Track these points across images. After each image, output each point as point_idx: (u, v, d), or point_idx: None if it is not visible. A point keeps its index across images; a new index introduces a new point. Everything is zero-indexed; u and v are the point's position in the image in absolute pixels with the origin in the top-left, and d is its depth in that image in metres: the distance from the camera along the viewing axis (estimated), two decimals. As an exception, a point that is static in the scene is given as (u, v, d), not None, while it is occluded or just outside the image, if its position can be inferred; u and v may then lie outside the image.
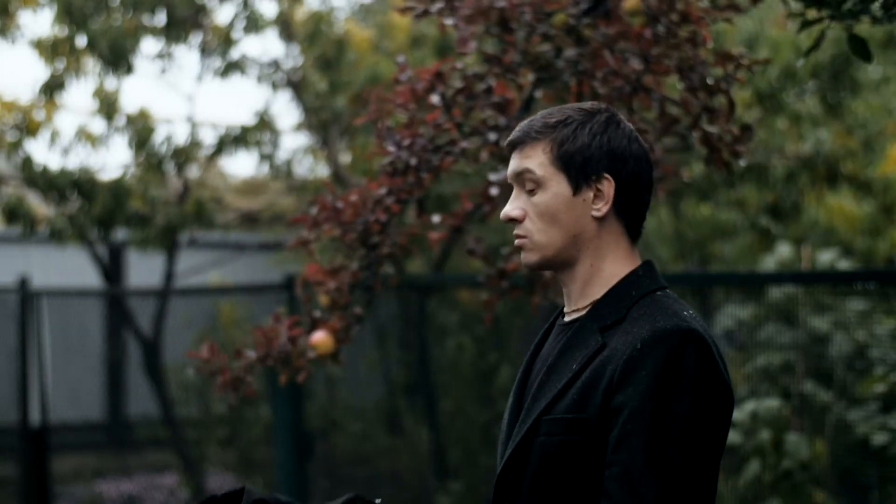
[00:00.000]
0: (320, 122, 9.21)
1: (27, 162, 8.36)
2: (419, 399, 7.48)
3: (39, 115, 8.61)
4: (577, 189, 2.21)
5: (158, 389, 8.80)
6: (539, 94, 3.46)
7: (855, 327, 5.39)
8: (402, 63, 3.43)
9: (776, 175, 8.56)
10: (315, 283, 3.45)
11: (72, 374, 9.51)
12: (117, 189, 8.34)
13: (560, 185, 2.21)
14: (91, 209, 8.37)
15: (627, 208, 2.23)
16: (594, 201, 2.21)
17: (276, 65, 8.99)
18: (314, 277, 3.45)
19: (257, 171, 10.62)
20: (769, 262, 6.72)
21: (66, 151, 8.66)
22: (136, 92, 24.95)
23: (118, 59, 8.24)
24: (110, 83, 8.65)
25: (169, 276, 9.45)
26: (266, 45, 25.57)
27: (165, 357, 8.89)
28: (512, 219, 2.25)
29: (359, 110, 7.79)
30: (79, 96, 31.46)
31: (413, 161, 3.30)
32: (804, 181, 8.61)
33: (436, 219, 3.54)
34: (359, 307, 3.50)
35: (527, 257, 2.26)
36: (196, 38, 8.71)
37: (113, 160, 22.32)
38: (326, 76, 8.89)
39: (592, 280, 2.23)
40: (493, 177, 3.43)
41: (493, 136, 3.30)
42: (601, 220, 2.21)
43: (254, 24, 8.55)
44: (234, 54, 8.67)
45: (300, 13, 9.38)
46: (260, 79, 8.93)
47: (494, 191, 3.40)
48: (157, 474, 8.77)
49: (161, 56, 8.72)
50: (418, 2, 3.42)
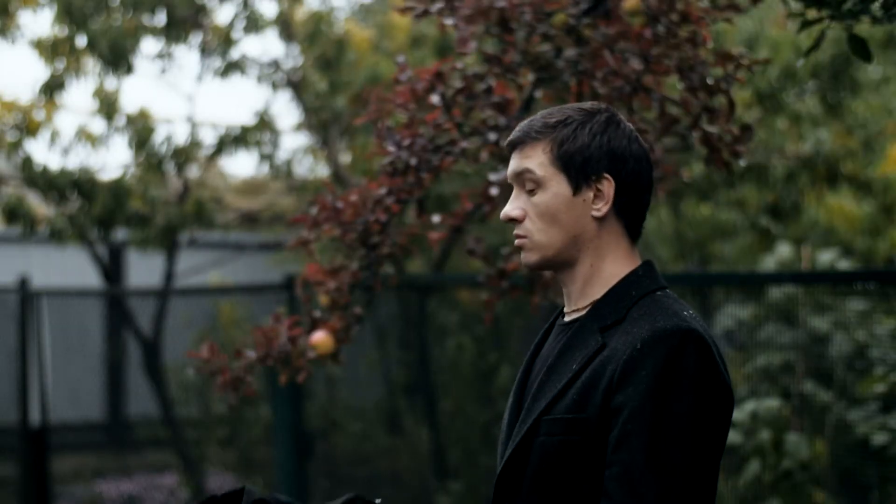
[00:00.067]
0: (320, 122, 9.20)
1: (27, 162, 8.36)
2: (419, 399, 7.48)
3: (39, 115, 8.61)
4: (577, 189, 2.20)
5: (158, 389, 8.80)
6: (539, 94, 3.46)
7: (855, 327, 5.38)
8: (402, 63, 3.43)
9: (776, 175, 8.56)
10: (315, 283, 3.45)
11: (72, 374, 9.50)
12: (117, 189, 8.34)
13: (560, 185, 2.21)
14: (91, 209, 8.37)
15: (627, 208, 2.23)
16: (594, 201, 2.21)
17: (276, 65, 8.99)
18: (314, 277, 3.44)
19: (257, 171, 10.63)
20: (769, 262, 6.72)
21: (66, 151, 8.66)
22: (136, 92, 24.96)
23: (118, 59, 8.24)
24: (110, 83, 8.66)
25: (169, 276, 9.44)
26: (266, 45, 25.60)
27: (165, 357, 8.89)
28: (512, 219, 2.24)
29: (359, 110, 7.79)
30: (79, 96, 31.47)
31: (413, 161, 3.30)
32: (804, 181, 8.61)
33: (436, 219, 3.54)
34: (359, 307, 3.50)
35: (527, 257, 2.26)
36: (196, 38, 8.71)
37: (113, 160, 22.33)
38: (326, 76, 8.89)
39: (592, 280, 2.23)
40: (493, 177, 3.43)
41: (493, 136, 3.30)
42: (601, 220, 2.21)
43: (254, 24, 8.55)
44: (234, 54, 8.67)
45: (300, 13, 9.38)
46: (260, 79, 8.93)
47: (494, 191, 3.40)
48: (157, 474, 8.77)
49: (161, 56, 8.72)
50: (418, 2, 3.42)
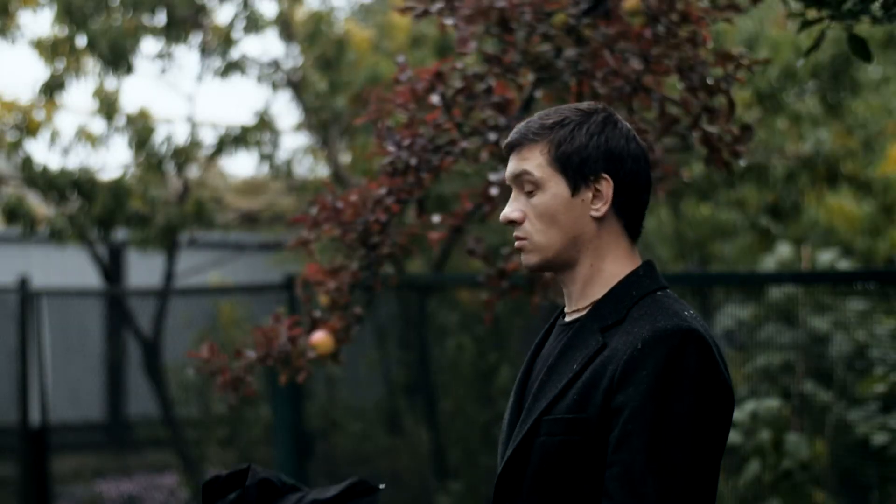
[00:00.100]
0: (320, 122, 9.20)
1: (27, 162, 8.36)
2: (419, 399, 7.48)
3: (39, 115, 8.61)
4: (575, 190, 2.20)
5: (158, 389, 8.80)
6: (539, 94, 3.46)
7: (855, 327, 5.38)
8: (402, 63, 3.43)
9: (776, 175, 8.56)
10: (315, 283, 3.45)
11: (72, 374, 9.51)
12: (117, 189, 8.34)
13: (558, 186, 2.21)
14: (91, 209, 8.37)
15: (626, 208, 2.23)
16: (593, 201, 2.21)
17: (276, 65, 8.99)
18: (314, 277, 3.44)
19: (257, 171, 10.63)
20: (769, 262, 6.71)
21: (66, 151, 8.66)
22: (136, 92, 24.96)
23: (118, 59, 8.24)
24: (110, 83, 8.66)
25: (169, 276, 9.44)
26: (266, 45, 25.61)
27: (165, 357, 8.89)
28: (511, 221, 2.24)
29: (359, 110, 7.79)
30: (79, 96, 31.48)
31: (413, 161, 3.30)
32: (804, 181, 8.61)
33: (436, 219, 3.54)
34: (359, 307, 3.50)
35: (527, 259, 2.25)
36: (196, 38, 8.71)
37: (113, 160, 22.34)
38: (326, 76, 8.89)
39: (593, 280, 2.23)
40: (493, 177, 3.43)
41: (493, 136, 3.30)
42: (600, 221, 2.21)
43: (254, 24, 8.55)
44: (234, 54, 8.67)
45: (300, 13, 9.38)
46: (260, 79, 8.93)
47: (494, 191, 3.40)
48: (157, 474, 8.77)
49: (161, 56, 8.72)
50: (418, 2, 3.42)
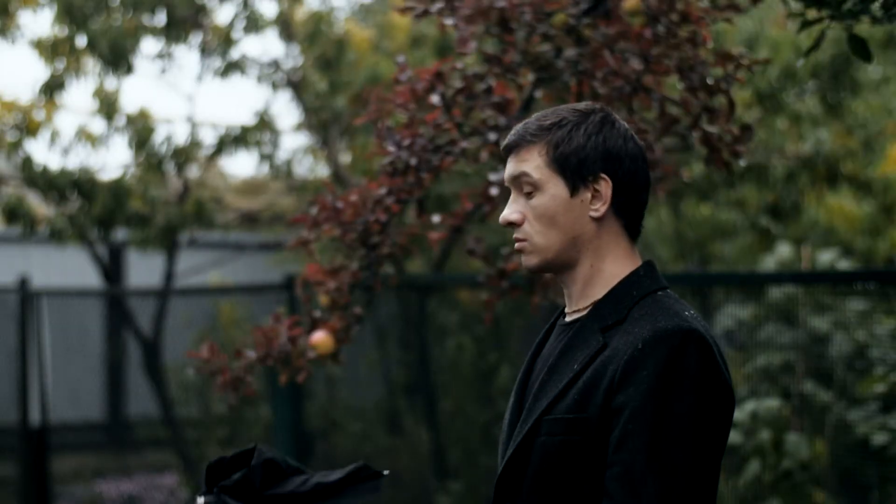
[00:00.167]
0: (320, 122, 9.20)
1: (27, 162, 8.36)
2: (419, 399, 7.48)
3: (39, 115, 8.61)
4: (574, 190, 2.20)
5: (158, 389, 8.80)
6: (539, 94, 3.46)
7: (855, 327, 5.38)
8: (402, 63, 3.43)
9: (776, 175, 8.56)
10: (315, 283, 3.45)
11: (72, 374, 9.51)
12: (117, 189, 8.34)
13: (557, 187, 2.20)
14: (91, 209, 8.37)
15: (626, 208, 2.23)
16: (592, 202, 2.21)
17: (276, 65, 8.99)
18: (314, 277, 3.44)
19: (257, 171, 10.63)
20: (769, 262, 6.71)
21: (66, 151, 8.66)
22: (136, 92, 24.95)
23: (118, 59, 8.24)
24: (110, 83, 8.66)
25: (169, 276, 9.44)
26: (266, 45, 25.60)
27: (165, 357, 8.89)
28: (511, 222, 2.24)
29: (359, 110, 7.79)
30: (79, 96, 31.46)
31: (413, 161, 3.30)
32: (804, 181, 8.61)
33: (436, 219, 3.54)
34: (359, 307, 3.50)
35: (527, 260, 2.25)
36: (196, 38, 8.71)
37: (113, 160, 22.33)
38: (326, 76, 8.89)
39: (593, 280, 2.23)
40: (492, 177, 3.43)
41: (493, 136, 3.30)
42: (600, 221, 2.21)
43: (254, 24, 8.55)
44: (234, 54, 8.67)
45: (300, 13, 9.38)
46: (260, 79, 8.94)
47: (494, 191, 3.40)
48: (157, 474, 8.77)
49: (161, 56, 8.73)
50: (418, 2, 3.42)
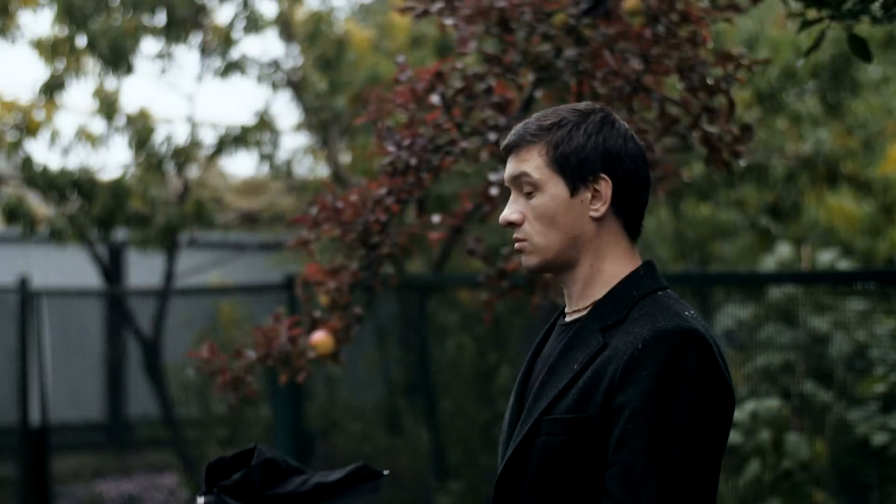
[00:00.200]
0: (320, 122, 9.20)
1: (27, 162, 8.37)
2: (419, 399, 7.48)
3: (39, 115, 8.61)
4: (574, 190, 2.20)
5: (158, 389, 8.80)
6: (539, 94, 3.46)
7: (855, 327, 5.38)
8: (402, 63, 3.43)
9: (776, 175, 8.56)
10: (315, 283, 3.45)
11: (72, 374, 9.51)
12: (117, 189, 8.34)
13: (557, 187, 2.20)
14: (91, 209, 8.37)
15: (625, 208, 2.22)
16: (592, 202, 2.20)
17: (276, 65, 8.99)
18: (314, 277, 3.45)
19: (257, 171, 10.63)
20: (769, 262, 6.71)
21: (66, 151, 8.66)
22: (136, 92, 24.95)
23: (118, 59, 8.24)
24: (110, 83, 8.66)
25: (169, 276, 9.45)
26: (266, 45, 25.60)
27: (165, 357, 8.89)
28: (511, 223, 2.24)
29: (359, 110, 7.79)
30: (79, 96, 31.46)
31: (413, 161, 3.30)
32: (804, 181, 8.61)
33: (436, 219, 3.54)
34: (359, 307, 3.50)
35: (527, 260, 2.25)
36: (196, 38, 8.71)
37: (113, 160, 22.33)
38: (326, 76, 8.89)
39: (593, 280, 2.23)
40: (492, 177, 3.43)
41: (493, 136, 3.30)
42: (600, 221, 2.21)
43: (254, 24, 8.55)
44: (234, 54, 8.67)
45: (300, 13, 9.38)
46: (260, 79, 8.94)
47: (494, 191, 3.40)
48: (157, 474, 8.77)
49: (161, 56, 8.73)
50: (418, 2, 3.42)
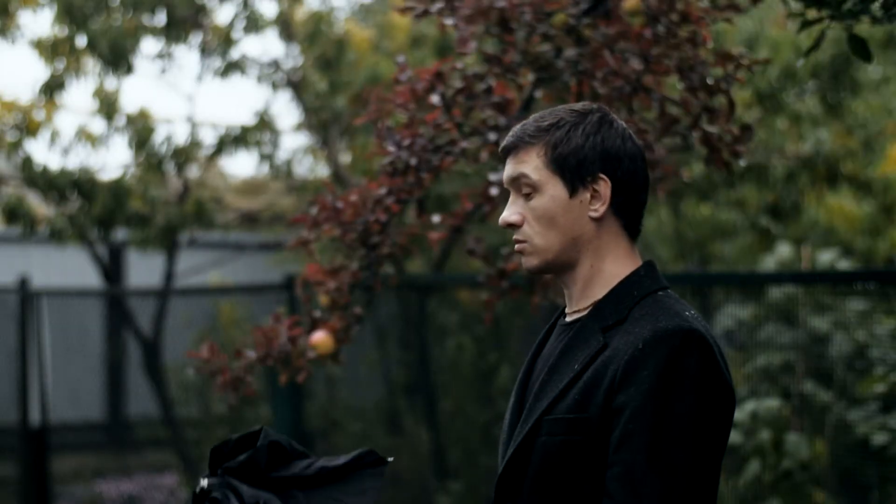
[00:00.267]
0: (320, 122, 9.20)
1: (27, 162, 8.37)
2: (419, 399, 7.48)
3: (39, 115, 8.61)
4: (573, 191, 2.20)
5: (158, 389, 8.80)
6: (539, 94, 3.46)
7: (855, 327, 5.38)
8: (402, 63, 3.43)
9: (776, 175, 8.56)
10: (315, 283, 3.45)
11: (72, 374, 9.50)
12: (117, 189, 8.34)
13: (556, 188, 2.20)
14: (91, 209, 8.37)
15: (625, 207, 2.22)
16: (591, 202, 2.20)
17: (276, 65, 8.99)
18: (314, 277, 3.45)
19: (257, 171, 10.63)
20: (769, 262, 6.71)
21: (66, 151, 8.66)
22: (136, 92, 24.95)
23: (118, 59, 8.24)
24: (110, 83, 8.66)
25: (169, 276, 9.45)
26: (266, 45, 25.60)
27: (165, 357, 8.89)
28: (510, 224, 2.24)
29: (359, 110, 7.79)
30: (79, 96, 31.45)
31: (413, 161, 3.30)
32: (804, 181, 8.61)
33: (436, 219, 3.55)
34: (359, 307, 3.50)
35: (527, 261, 2.25)
36: (196, 38, 8.71)
37: (113, 160, 22.31)
38: (326, 76, 8.89)
39: (593, 280, 2.23)
40: (492, 177, 3.43)
41: (493, 136, 3.30)
42: (599, 221, 2.21)
43: (254, 24, 8.56)
44: (234, 54, 8.67)
45: (300, 13, 9.38)
46: (260, 79, 8.94)
47: (494, 191, 3.40)
48: (157, 474, 8.77)
49: (161, 56, 8.73)
50: (418, 2, 3.42)
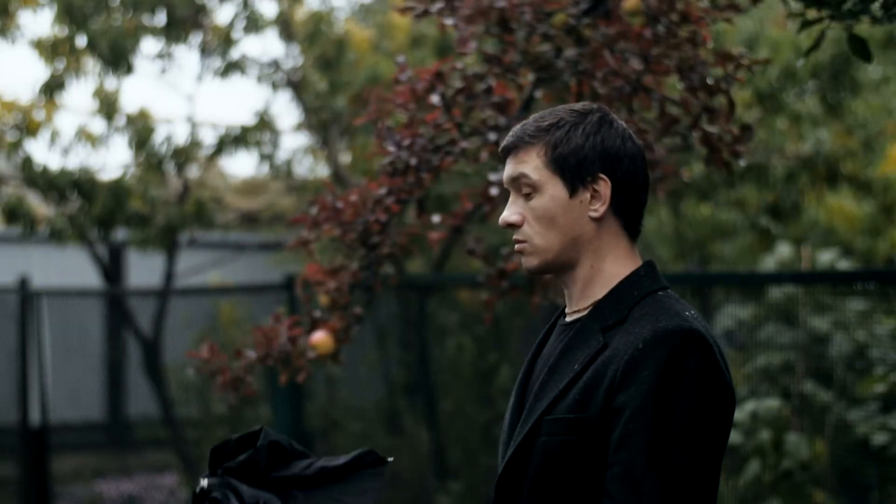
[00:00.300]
0: (320, 122, 9.20)
1: (27, 162, 8.37)
2: (419, 399, 7.48)
3: (39, 115, 8.61)
4: (573, 191, 2.20)
5: (158, 389, 8.80)
6: (539, 94, 3.46)
7: (855, 327, 5.38)
8: (402, 63, 3.43)
9: (776, 175, 8.56)
10: (315, 283, 3.45)
11: (72, 374, 9.50)
12: (117, 189, 8.34)
13: (556, 188, 2.20)
14: (91, 209, 8.37)
15: (625, 207, 2.22)
16: (591, 202, 2.20)
17: (276, 65, 8.99)
18: (314, 277, 3.45)
19: (257, 171, 10.63)
20: (769, 262, 6.71)
21: (66, 151, 8.66)
22: (136, 92, 24.94)
23: (118, 59, 8.24)
24: (110, 83, 8.66)
25: (169, 276, 9.45)
26: (266, 45, 25.59)
27: (165, 357, 8.89)
28: (510, 224, 2.24)
29: (359, 110, 7.79)
30: (79, 96, 31.44)
31: (413, 161, 3.30)
32: (804, 181, 8.61)
33: (436, 219, 3.55)
34: (359, 307, 3.50)
35: (528, 262, 2.25)
36: (196, 38, 8.71)
37: (113, 160, 22.31)
38: (326, 76, 8.89)
39: (593, 280, 2.23)
40: (492, 177, 3.43)
41: (493, 136, 3.30)
42: (599, 221, 2.21)
43: (254, 24, 8.56)
44: (234, 54, 8.67)
45: (300, 13, 9.38)
46: (260, 79, 8.94)
47: (494, 191, 3.40)
48: (157, 474, 8.77)
49: (161, 56, 8.73)
50: (418, 2, 3.42)
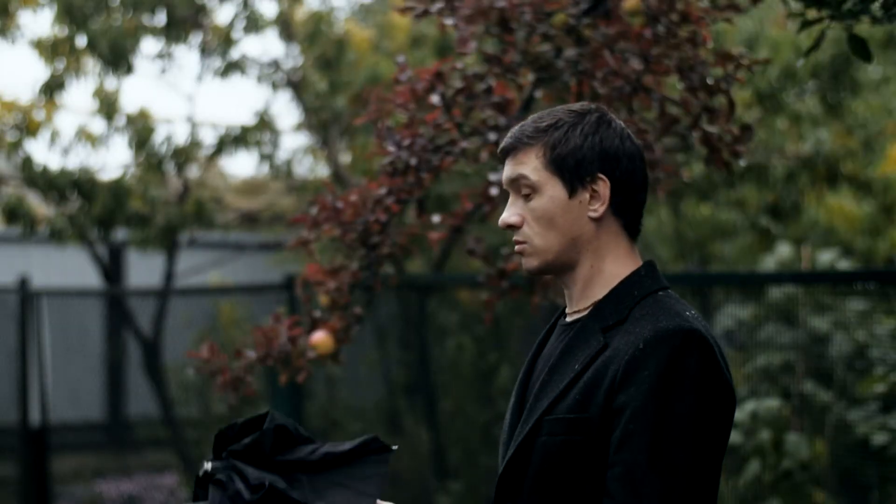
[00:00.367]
0: (320, 122, 9.20)
1: (27, 162, 8.37)
2: (419, 399, 7.48)
3: (39, 115, 8.62)
4: (572, 191, 2.20)
5: (158, 389, 8.80)
6: (539, 94, 3.46)
7: (855, 327, 5.38)
8: (402, 63, 3.43)
9: (776, 175, 8.56)
10: (315, 283, 3.45)
11: (72, 374, 9.51)
12: (117, 189, 8.34)
13: (555, 188, 2.20)
14: (91, 209, 8.37)
15: (624, 207, 2.22)
16: (590, 202, 2.20)
17: (276, 65, 8.99)
18: (314, 277, 3.45)
19: (257, 171, 10.63)
20: (769, 262, 6.71)
21: (66, 151, 8.67)
22: (136, 92, 24.94)
23: (118, 59, 8.24)
24: (110, 83, 8.66)
25: (169, 276, 9.45)
26: (266, 45, 25.60)
27: (165, 357, 8.89)
28: (510, 225, 2.24)
29: (359, 110, 7.79)
30: (79, 96, 31.45)
31: (413, 161, 3.30)
32: (804, 181, 8.61)
33: (436, 219, 3.55)
34: (359, 307, 3.50)
35: (528, 262, 2.25)
36: (196, 38, 8.71)
37: (113, 160, 22.31)
38: (326, 76, 8.90)
39: (593, 281, 2.23)
40: (492, 177, 3.43)
41: (493, 136, 3.30)
42: (599, 221, 2.21)
43: (254, 24, 8.56)
44: (234, 54, 8.67)
45: (300, 13, 9.38)
46: (260, 79, 8.94)
47: (494, 191, 3.40)
48: (157, 474, 8.78)
49: (161, 56, 8.73)
50: (418, 2, 3.42)
